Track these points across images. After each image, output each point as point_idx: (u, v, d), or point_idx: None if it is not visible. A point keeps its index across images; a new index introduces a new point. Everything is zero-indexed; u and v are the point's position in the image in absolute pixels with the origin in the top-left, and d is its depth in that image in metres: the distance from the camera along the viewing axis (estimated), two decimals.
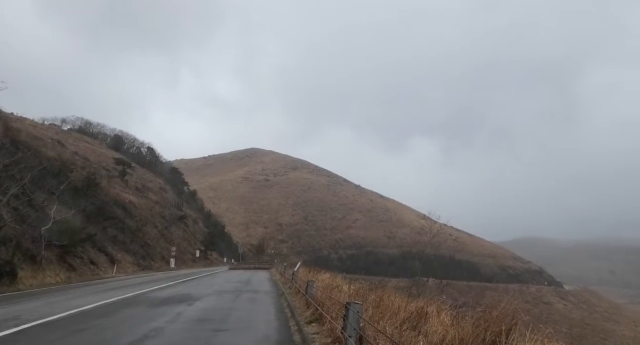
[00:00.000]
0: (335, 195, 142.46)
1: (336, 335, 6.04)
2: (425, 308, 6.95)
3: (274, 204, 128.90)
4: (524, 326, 4.21)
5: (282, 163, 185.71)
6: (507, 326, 4.20)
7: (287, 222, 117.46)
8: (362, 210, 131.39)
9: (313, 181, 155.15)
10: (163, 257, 41.93)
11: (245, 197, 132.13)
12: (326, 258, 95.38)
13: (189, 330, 7.33)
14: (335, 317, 6.71)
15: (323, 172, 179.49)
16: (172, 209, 58.95)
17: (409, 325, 6.30)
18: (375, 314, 6.78)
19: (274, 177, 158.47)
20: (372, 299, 7.99)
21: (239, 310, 10.17)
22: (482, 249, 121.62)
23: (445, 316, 6.11)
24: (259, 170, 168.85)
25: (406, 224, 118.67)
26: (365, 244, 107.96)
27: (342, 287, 11.27)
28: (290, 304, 11.05)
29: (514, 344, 3.91)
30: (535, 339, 3.96)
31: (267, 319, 8.99)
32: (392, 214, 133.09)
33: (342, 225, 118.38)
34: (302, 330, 7.15)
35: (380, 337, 5.38)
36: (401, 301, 7.64)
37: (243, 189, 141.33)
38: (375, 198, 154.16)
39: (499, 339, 4.06)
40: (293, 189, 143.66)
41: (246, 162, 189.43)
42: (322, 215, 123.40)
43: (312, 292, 9.89)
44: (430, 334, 5.37)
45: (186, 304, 11.01)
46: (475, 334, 4.38)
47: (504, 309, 4.45)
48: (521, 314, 4.56)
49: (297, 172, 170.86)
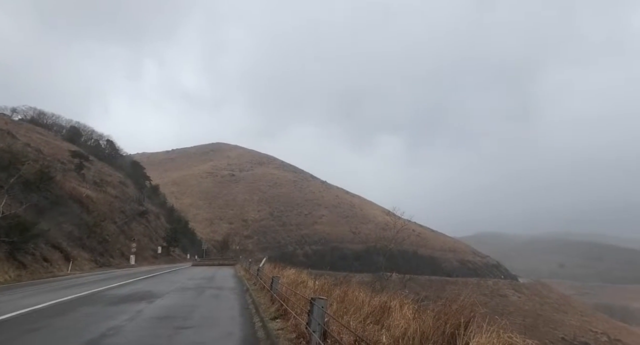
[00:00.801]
0: (301, 191, 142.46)
1: (300, 331, 6.07)
2: (389, 302, 7.10)
3: (239, 199, 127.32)
4: (482, 318, 4.37)
5: (248, 158, 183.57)
6: (466, 319, 4.35)
7: (252, 218, 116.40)
8: (328, 206, 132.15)
9: (279, 177, 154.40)
10: (122, 253, 40.54)
11: (209, 193, 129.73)
12: (292, 254, 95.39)
13: (150, 328, 7.14)
14: (300, 313, 6.73)
15: (290, 168, 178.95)
16: (132, 204, 57.03)
17: (372, 319, 6.41)
18: (340, 309, 6.85)
19: (240, 173, 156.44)
20: (337, 294, 8.08)
21: (202, 307, 10.00)
22: (443, 244, 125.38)
23: (407, 310, 6.27)
24: (224, 165, 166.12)
25: (371, 220, 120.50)
26: (331, 240, 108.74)
27: (308, 283, 11.32)
28: (255, 300, 10.98)
29: (471, 336, 4.05)
30: (492, 330, 4.12)
31: (231, 315, 8.90)
32: (357, 210, 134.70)
33: (308, 221, 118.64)
34: (267, 326, 7.13)
35: (344, 332, 5.44)
36: (365, 296, 7.77)
37: (207, 184, 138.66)
38: (341, 194, 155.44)
39: (458, 331, 4.20)
40: (259, 184, 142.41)
41: (211, 156, 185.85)
42: (288, 211, 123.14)
43: (277, 288, 9.87)
44: (393, 328, 5.49)
45: (147, 302, 10.71)
46: (436, 326, 4.51)
47: (463, 302, 4.61)
48: (479, 306, 4.74)
49: (264, 167, 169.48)
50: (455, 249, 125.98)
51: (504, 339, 4.00)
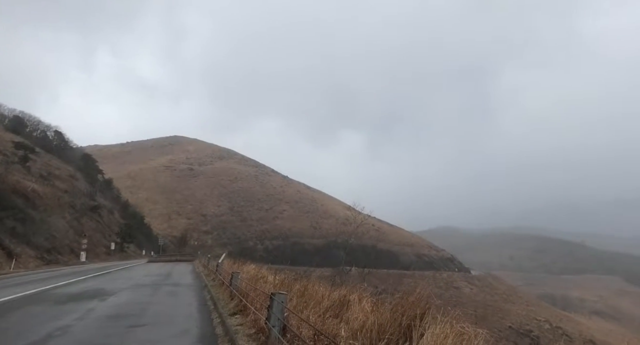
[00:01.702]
0: (262, 186, 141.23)
1: (260, 326, 6.04)
2: (348, 296, 7.19)
3: (198, 194, 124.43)
4: (436, 310, 4.52)
5: (207, 152, 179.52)
6: (422, 310, 4.48)
7: (212, 213, 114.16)
8: (289, 201, 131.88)
9: (240, 171, 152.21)
10: (72, 250, 38.57)
11: (167, 187, 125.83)
12: (252, 249, 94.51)
13: (101, 327, 6.85)
14: (260, 308, 6.69)
15: (251, 163, 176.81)
16: (83, 199, 54.31)
17: (331, 313, 6.47)
18: (300, 303, 6.87)
19: (199, 167, 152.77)
20: (297, 289, 8.09)
21: (157, 305, 9.72)
22: (401, 238, 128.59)
23: (366, 303, 6.37)
24: (182, 159, 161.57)
25: (332, 215, 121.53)
26: (292, 235, 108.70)
27: (268, 278, 11.26)
28: (213, 296, 10.81)
29: (426, 327, 4.18)
30: (445, 321, 4.27)
31: (188, 312, 8.70)
32: (318, 205, 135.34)
33: (269, 216, 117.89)
34: (225, 323, 7.04)
35: (303, 326, 5.46)
36: (325, 290, 7.83)
37: (165, 178, 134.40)
38: (302, 189, 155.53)
39: (414, 323, 4.32)
40: (219, 179, 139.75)
41: (169, 150, 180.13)
42: (249, 206, 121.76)
43: (236, 283, 9.77)
44: (352, 321, 5.57)
45: (98, 300, 10.27)
46: (393, 318, 4.62)
47: (419, 295, 4.74)
48: (434, 298, 4.90)
49: (224, 161, 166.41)
50: (412, 243, 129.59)
51: (457, 329, 4.15)
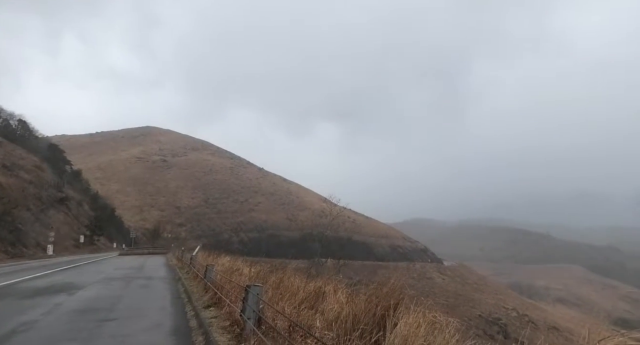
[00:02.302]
0: (238, 178, 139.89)
1: (235, 318, 6.01)
2: (323, 288, 7.25)
3: (171, 186, 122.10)
4: (410, 300, 4.61)
5: (181, 143, 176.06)
6: (395, 301, 4.56)
7: (186, 205, 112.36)
8: (265, 193, 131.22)
9: (215, 163, 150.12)
10: (39, 243, 37.27)
11: (139, 179, 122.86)
12: (227, 241, 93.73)
13: (70, 321, 6.66)
14: (235, 300, 6.66)
15: (225, 154, 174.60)
16: (50, 190, 52.40)
17: (307, 304, 6.51)
18: (275, 295, 6.88)
19: (172, 158, 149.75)
20: (273, 281, 8.09)
21: (129, 298, 9.53)
22: (376, 230, 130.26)
23: (341, 294, 6.43)
24: (155, 150, 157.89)
25: (308, 207, 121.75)
26: (267, 227, 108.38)
27: (243, 270, 11.21)
28: (187, 289, 10.68)
29: (400, 317, 4.26)
30: (418, 311, 4.36)
31: (161, 305, 8.57)
32: (294, 197, 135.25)
33: (245, 208, 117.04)
34: (199, 315, 6.97)
35: (279, 318, 5.47)
36: (300, 282, 7.85)
37: (137, 169, 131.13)
38: (278, 181, 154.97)
39: (387, 313, 4.39)
40: (193, 170, 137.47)
41: (140, 141, 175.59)
42: (224, 198, 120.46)
43: (211, 276, 9.67)
44: (327, 312, 5.62)
45: (67, 294, 9.97)
46: (368, 309, 4.68)
47: (393, 285, 4.81)
48: (407, 289, 4.99)
49: (198, 153, 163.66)
50: (387, 234, 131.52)
51: (429, 318, 4.25)
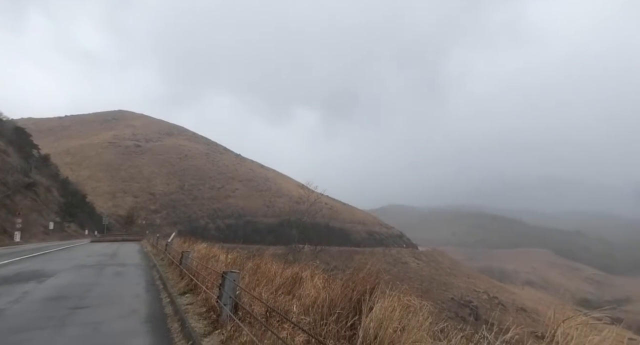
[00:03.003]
0: (214, 164, 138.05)
1: (211, 305, 5.99)
2: (300, 273, 7.29)
3: (145, 172, 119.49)
4: (385, 284, 4.68)
5: (155, 128, 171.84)
6: (371, 285, 4.63)
7: (160, 191, 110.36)
8: (242, 179, 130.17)
9: (190, 149, 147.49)
10: (5, 230, 35.96)
11: (111, 164, 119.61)
12: (203, 228, 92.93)
13: (39, 310, 6.49)
14: (211, 287, 6.62)
15: (201, 140, 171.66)
16: (16, 175, 50.40)
17: (284, 290, 6.55)
18: (252, 281, 6.88)
19: (146, 143, 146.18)
20: (250, 267, 8.08)
21: (102, 286, 9.34)
22: (353, 216, 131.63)
23: (318, 280, 6.49)
24: (128, 135, 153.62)
25: (285, 194, 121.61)
26: (245, 214, 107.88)
27: (220, 257, 11.15)
28: (162, 276, 10.55)
29: (375, 301, 4.33)
30: (393, 295, 4.44)
31: (135, 292, 8.45)
32: (271, 184, 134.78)
33: (221, 194, 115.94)
34: (175, 302, 6.92)
35: (256, 303, 5.48)
36: (278, 268, 7.87)
37: (109, 155, 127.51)
38: (255, 168, 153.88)
39: (364, 297, 4.46)
40: (168, 156, 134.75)
41: (113, 125, 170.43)
42: (200, 185, 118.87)
43: (187, 263, 9.59)
44: (304, 297, 5.67)
45: (36, 282, 9.69)
46: (344, 294, 4.74)
47: (369, 271, 4.88)
48: (383, 274, 5.06)
49: (173, 138, 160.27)
50: (364, 221, 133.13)
51: (404, 302, 4.34)
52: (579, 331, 3.12)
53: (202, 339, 4.78)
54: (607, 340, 3.00)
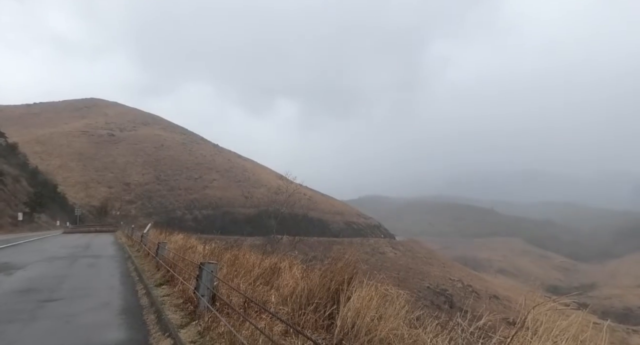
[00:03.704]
0: (191, 154, 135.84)
1: (188, 296, 5.94)
2: (279, 264, 7.29)
3: (120, 161, 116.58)
4: (363, 274, 4.74)
5: (129, 117, 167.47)
6: (349, 275, 4.67)
7: (136, 181, 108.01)
8: (219, 170, 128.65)
9: (166, 138, 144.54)
10: None
11: (84, 154, 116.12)
12: (181, 219, 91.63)
13: (7, 303, 6.29)
14: (188, 278, 6.56)
15: (178, 129, 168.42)
16: None
17: (262, 280, 6.54)
18: (230, 272, 6.85)
19: (121, 133, 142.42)
20: (228, 258, 8.03)
21: (75, 278, 9.12)
22: (332, 207, 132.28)
23: (296, 270, 6.51)
24: (101, 123, 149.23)
25: (264, 184, 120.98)
26: (223, 204, 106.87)
27: (197, 248, 11.05)
28: (138, 267, 10.38)
29: (353, 291, 4.38)
30: (371, 284, 4.50)
31: (110, 284, 8.29)
32: (250, 174, 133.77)
33: (198, 185, 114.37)
34: (151, 293, 6.82)
35: (234, 294, 5.46)
36: (256, 258, 7.85)
37: (81, 144, 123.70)
38: (233, 158, 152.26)
39: (342, 287, 4.50)
40: (143, 146, 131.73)
41: (85, 113, 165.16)
42: (176, 175, 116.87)
43: (163, 254, 9.45)
44: (282, 287, 5.68)
45: (3, 274, 9.39)
46: (322, 284, 4.77)
47: (347, 261, 4.92)
48: (361, 263, 5.12)
49: (148, 127, 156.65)
50: (342, 211, 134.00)
51: (381, 291, 4.40)
52: (548, 316, 3.23)
53: (179, 330, 4.74)
54: (573, 325, 3.12)
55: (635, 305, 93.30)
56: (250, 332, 4.03)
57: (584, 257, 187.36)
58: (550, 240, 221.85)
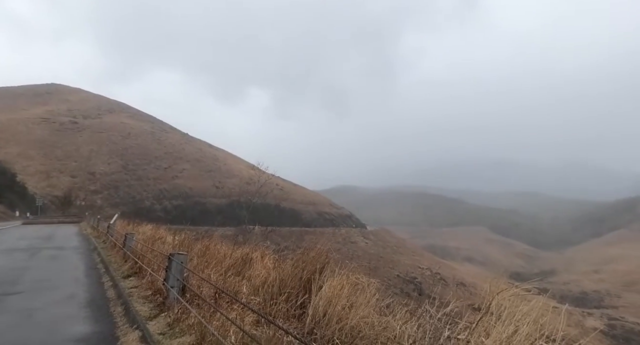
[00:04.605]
0: (160, 143, 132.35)
1: (157, 288, 5.84)
2: (251, 254, 7.26)
3: (84, 150, 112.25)
4: (335, 263, 4.78)
5: (94, 104, 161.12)
6: (321, 265, 4.71)
7: (101, 171, 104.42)
8: (189, 159, 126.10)
9: (134, 126, 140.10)
10: None
11: (45, 141, 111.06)
12: (149, 209, 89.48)
13: None
14: (158, 270, 6.44)
15: (146, 118, 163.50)
16: None
17: (234, 271, 6.50)
18: (201, 263, 6.77)
19: (84, 120, 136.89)
20: (198, 249, 7.93)
21: (36, 270, 8.78)
22: (304, 197, 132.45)
23: (268, 260, 6.51)
24: (63, 110, 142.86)
25: (235, 174, 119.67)
26: (193, 195, 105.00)
27: (166, 239, 10.85)
28: (104, 259, 10.10)
29: (325, 280, 4.42)
30: (343, 273, 4.56)
31: (74, 277, 8.03)
32: (221, 164, 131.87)
33: (168, 175, 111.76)
34: (118, 285, 6.66)
35: (204, 285, 5.40)
36: (227, 249, 7.79)
37: (42, 131, 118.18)
38: (204, 147, 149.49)
39: (313, 277, 4.53)
40: (109, 134, 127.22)
41: (46, 99, 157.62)
42: (144, 165, 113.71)
43: (131, 245, 9.23)
44: (254, 278, 5.67)
45: None
46: (294, 273, 4.79)
47: (319, 250, 4.95)
48: (333, 253, 5.17)
49: (114, 115, 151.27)
50: (314, 201, 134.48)
51: (352, 280, 4.47)
52: (511, 302, 3.37)
53: (148, 322, 4.66)
54: (534, 310, 3.27)
55: (591, 290, 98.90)
56: (221, 323, 4.01)
57: (545, 244, 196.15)
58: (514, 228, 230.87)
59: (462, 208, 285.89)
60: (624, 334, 60.42)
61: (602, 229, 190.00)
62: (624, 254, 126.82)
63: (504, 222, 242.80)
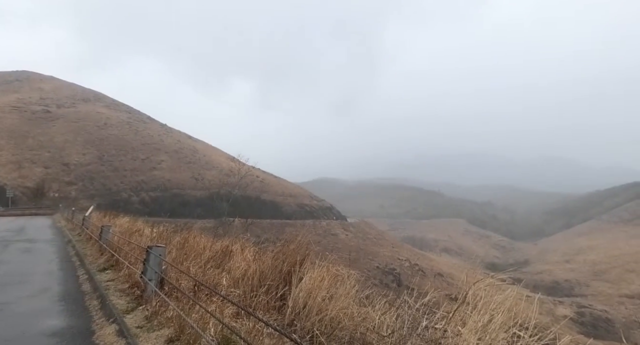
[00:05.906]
0: (137, 134, 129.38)
1: (135, 281, 5.75)
2: (230, 246, 7.21)
3: (58, 140, 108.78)
4: (315, 256, 4.80)
5: (68, 93, 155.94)
6: (301, 257, 4.72)
7: (76, 161, 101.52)
8: (168, 151, 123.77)
9: (110, 116, 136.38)
10: None
11: (15, 131, 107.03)
12: (126, 201, 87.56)
13: None
14: (135, 262, 6.34)
15: (123, 108, 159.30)
16: None
17: (213, 263, 6.45)
18: (180, 255, 6.70)
19: (58, 109, 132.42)
20: (177, 241, 7.84)
21: (7, 264, 8.53)
22: (284, 189, 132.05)
23: (248, 252, 6.47)
24: (35, 99, 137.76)
25: (215, 166, 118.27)
26: (172, 186, 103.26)
27: (144, 231, 10.67)
28: (79, 252, 9.88)
29: (305, 272, 4.44)
30: (323, 265, 4.58)
31: (48, 270, 7.83)
32: (200, 156, 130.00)
33: (146, 166, 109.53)
34: (94, 279, 6.54)
35: (183, 278, 5.35)
36: (207, 241, 7.72)
37: (12, 120, 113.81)
38: (183, 139, 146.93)
39: (294, 269, 4.54)
40: (84, 124, 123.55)
41: (16, 87, 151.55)
42: (121, 156, 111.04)
43: (107, 237, 9.06)
44: (234, 270, 5.64)
45: None
46: (275, 266, 4.79)
47: (299, 242, 4.96)
48: (313, 245, 5.18)
49: (90, 105, 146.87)
50: (295, 193, 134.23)
51: (332, 272, 4.50)
52: (487, 292, 3.46)
53: (125, 316, 4.59)
54: (509, 299, 3.37)
55: (562, 279, 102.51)
56: (200, 316, 3.98)
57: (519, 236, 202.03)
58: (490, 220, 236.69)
59: (441, 200, 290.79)
60: (592, 321, 62.94)
61: (573, 220, 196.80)
62: (593, 245, 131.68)
63: (480, 214, 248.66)
